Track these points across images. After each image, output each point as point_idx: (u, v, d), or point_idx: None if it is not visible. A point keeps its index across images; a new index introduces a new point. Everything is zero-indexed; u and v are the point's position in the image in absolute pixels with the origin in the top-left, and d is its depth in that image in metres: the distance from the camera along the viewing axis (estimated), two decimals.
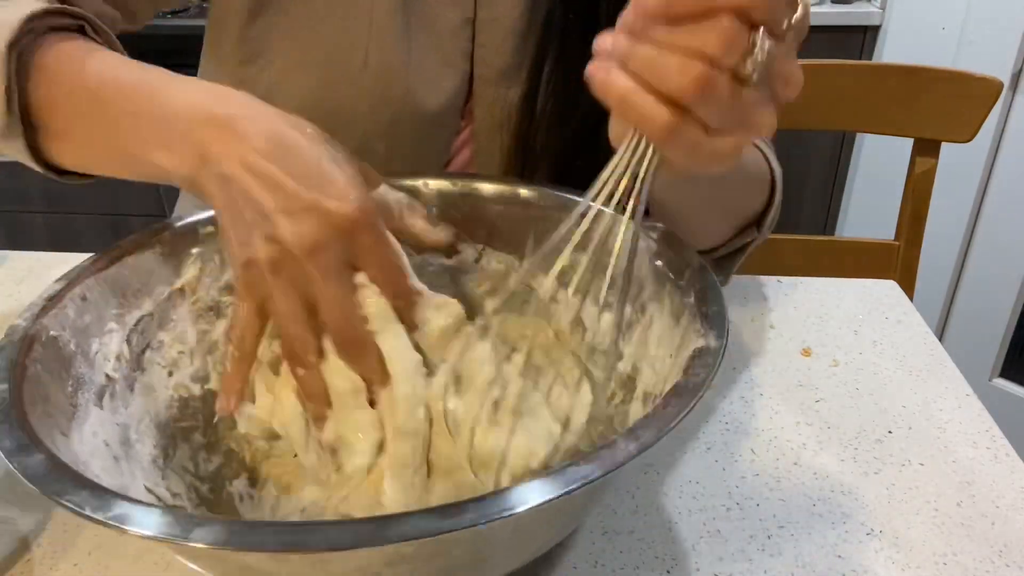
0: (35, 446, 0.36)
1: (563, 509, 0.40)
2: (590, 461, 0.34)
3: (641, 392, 0.50)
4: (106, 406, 0.46)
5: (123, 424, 0.47)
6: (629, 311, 0.54)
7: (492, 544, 0.38)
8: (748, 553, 0.50)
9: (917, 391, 0.64)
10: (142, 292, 0.51)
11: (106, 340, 0.48)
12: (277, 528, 0.32)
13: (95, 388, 0.46)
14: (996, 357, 1.80)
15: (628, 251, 0.53)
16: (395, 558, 0.35)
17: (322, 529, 0.31)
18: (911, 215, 1.10)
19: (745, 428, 0.60)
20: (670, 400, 0.38)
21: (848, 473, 0.56)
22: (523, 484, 0.33)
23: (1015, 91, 1.63)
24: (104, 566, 0.49)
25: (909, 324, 0.73)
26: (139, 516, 0.32)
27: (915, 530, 0.52)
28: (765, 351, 0.68)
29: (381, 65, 0.64)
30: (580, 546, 0.50)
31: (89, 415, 0.44)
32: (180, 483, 0.48)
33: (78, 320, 0.46)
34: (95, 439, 0.43)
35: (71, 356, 0.45)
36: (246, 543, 0.31)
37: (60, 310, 0.45)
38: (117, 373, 0.48)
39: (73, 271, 0.48)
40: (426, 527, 0.31)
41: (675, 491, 0.54)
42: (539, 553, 0.44)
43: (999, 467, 0.57)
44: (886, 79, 1.06)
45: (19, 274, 0.79)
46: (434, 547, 0.34)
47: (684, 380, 0.39)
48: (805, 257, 1.16)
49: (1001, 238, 1.73)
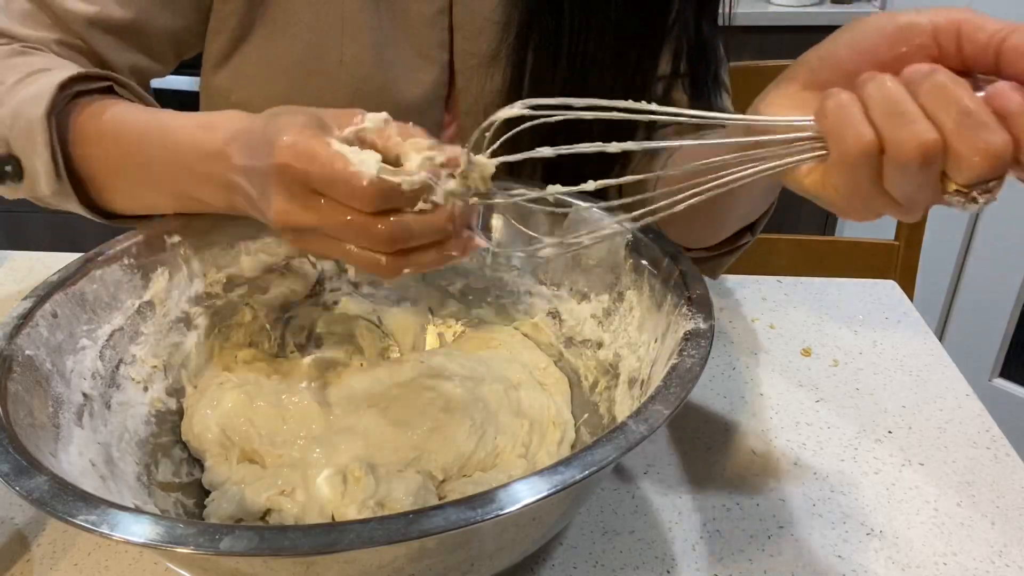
0: (34, 468, 0.35)
1: (577, 493, 0.40)
2: (604, 444, 0.35)
3: (626, 377, 0.51)
4: (86, 425, 0.45)
5: (105, 443, 0.46)
6: (607, 299, 0.54)
7: (509, 532, 0.39)
8: (748, 553, 0.50)
9: (917, 391, 0.64)
10: (111, 306, 0.50)
11: (80, 357, 0.47)
12: (305, 531, 0.32)
13: (74, 407, 0.45)
14: (996, 357, 1.80)
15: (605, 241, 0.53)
16: (419, 553, 0.35)
17: (352, 528, 0.31)
18: None
19: (745, 428, 0.60)
20: (671, 380, 0.39)
21: (848, 473, 0.56)
22: (540, 471, 0.34)
23: None
24: (104, 566, 0.49)
25: (909, 324, 0.73)
26: (165, 531, 0.32)
27: (915, 530, 0.51)
28: (765, 351, 0.68)
29: (356, 60, 0.64)
30: (580, 546, 0.50)
31: (72, 435, 0.44)
32: (166, 499, 0.48)
33: (51, 338, 0.46)
34: (82, 459, 0.43)
35: (48, 375, 0.44)
36: (277, 548, 0.31)
37: (32, 329, 0.45)
38: (94, 391, 0.47)
39: (41, 287, 0.47)
40: (456, 519, 0.32)
41: (675, 491, 0.54)
42: (548, 538, 0.45)
43: (999, 467, 0.57)
44: None
45: (19, 274, 0.79)
46: (458, 539, 0.35)
47: (680, 360, 0.40)
48: (805, 257, 1.16)
49: (1001, 238, 1.73)
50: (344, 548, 0.31)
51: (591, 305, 0.55)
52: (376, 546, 0.31)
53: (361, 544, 0.31)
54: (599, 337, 0.55)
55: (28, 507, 0.53)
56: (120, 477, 0.45)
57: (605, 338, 0.54)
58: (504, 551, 0.40)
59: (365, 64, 0.65)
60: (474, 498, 0.32)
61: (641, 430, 0.36)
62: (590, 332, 0.55)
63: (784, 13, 1.79)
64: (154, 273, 0.53)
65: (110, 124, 0.51)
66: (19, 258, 0.81)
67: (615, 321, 0.53)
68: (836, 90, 0.36)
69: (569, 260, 0.56)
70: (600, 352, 0.54)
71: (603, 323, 0.54)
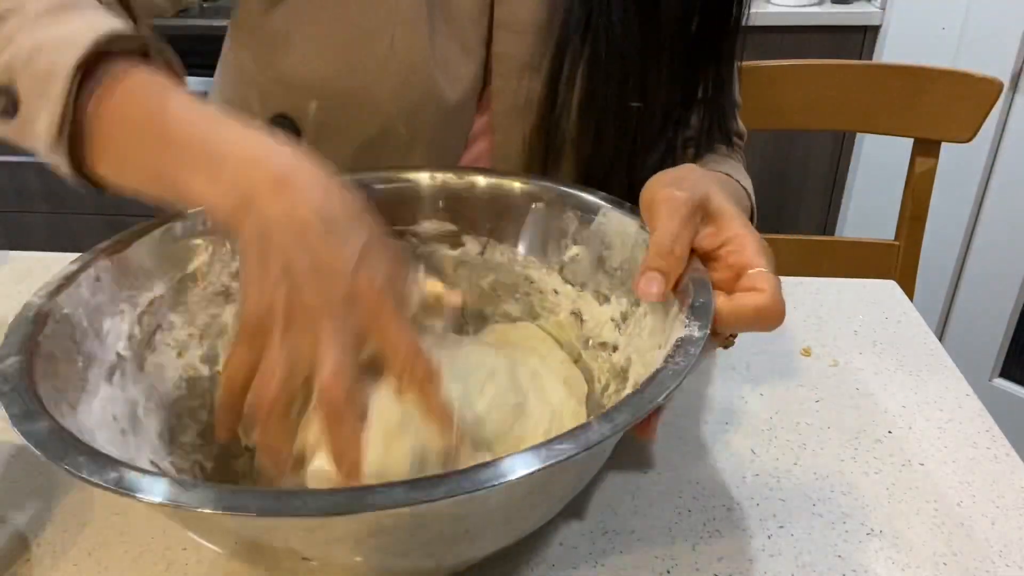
0: (41, 413, 0.37)
1: (543, 486, 0.40)
2: (566, 440, 0.35)
3: (632, 383, 0.51)
4: (116, 382, 0.47)
5: (132, 400, 0.48)
6: (625, 303, 0.54)
7: (476, 519, 0.39)
8: (748, 553, 0.50)
9: (917, 391, 0.64)
10: (154, 275, 0.52)
11: (118, 320, 0.49)
12: (258, 494, 0.34)
13: (106, 365, 0.47)
14: (996, 357, 1.80)
15: (629, 244, 0.53)
16: (376, 528, 0.36)
17: (301, 497, 0.33)
18: (911, 215, 1.10)
19: (745, 428, 0.60)
20: (646, 386, 0.39)
21: (848, 473, 0.56)
22: (502, 458, 0.34)
23: (1015, 91, 1.63)
24: (104, 566, 0.49)
25: (909, 324, 0.73)
26: (132, 479, 0.33)
27: (915, 530, 0.52)
28: (765, 351, 0.68)
29: (406, 51, 0.64)
30: (580, 546, 0.50)
31: (99, 390, 0.45)
32: (185, 460, 0.49)
33: (91, 299, 0.47)
34: (104, 412, 0.44)
35: (83, 334, 0.46)
36: (230, 506, 0.32)
37: (74, 289, 0.46)
38: (128, 352, 0.49)
39: (88, 253, 0.49)
40: (399, 498, 0.32)
41: (675, 491, 0.54)
42: (527, 532, 0.45)
43: (999, 467, 0.57)
44: (886, 79, 1.06)
45: (19, 274, 0.79)
46: (412, 519, 0.35)
47: (664, 367, 0.40)
48: (805, 257, 1.16)
49: (1001, 238, 1.73)
50: (289, 514, 0.32)
51: (611, 308, 0.55)
52: (314, 517, 0.32)
53: (307, 512, 0.32)
54: (615, 340, 0.55)
55: (28, 507, 0.53)
56: (142, 433, 0.47)
57: (621, 341, 0.54)
58: (473, 539, 0.40)
59: (414, 55, 0.64)
60: (428, 480, 0.33)
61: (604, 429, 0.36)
62: (608, 335, 0.56)
63: (784, 13, 1.79)
64: (198, 247, 0.54)
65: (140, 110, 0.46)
66: (19, 258, 0.81)
67: (631, 325, 0.53)
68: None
69: (595, 261, 0.57)
70: (615, 356, 0.55)
71: (620, 327, 0.55)
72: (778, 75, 1.07)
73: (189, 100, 0.46)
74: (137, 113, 0.46)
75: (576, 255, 0.57)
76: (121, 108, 0.46)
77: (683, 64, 0.66)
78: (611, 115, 0.65)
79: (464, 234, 0.60)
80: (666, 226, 0.47)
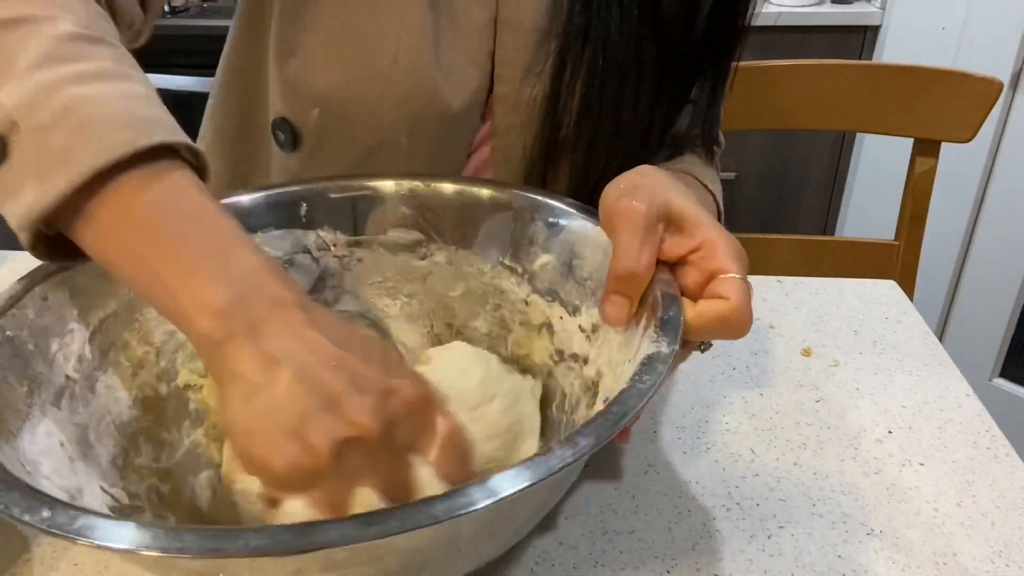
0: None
1: (496, 520, 0.39)
2: (522, 469, 0.33)
3: (603, 397, 0.49)
4: (64, 407, 0.45)
5: (82, 424, 0.45)
6: (596, 314, 0.53)
7: (435, 550, 0.37)
8: (748, 553, 0.50)
9: (917, 391, 0.64)
10: (106, 292, 0.49)
11: (67, 340, 0.46)
12: (202, 534, 0.31)
13: (53, 388, 0.44)
14: (996, 357, 1.80)
15: (600, 254, 0.52)
16: (328, 563, 0.34)
17: (243, 535, 0.31)
18: (911, 215, 1.10)
19: (745, 428, 0.60)
20: (611, 408, 0.37)
21: (848, 473, 0.56)
22: (450, 493, 0.32)
23: (1015, 91, 1.63)
24: (104, 566, 0.49)
25: (909, 324, 0.73)
26: (59, 517, 0.32)
27: (915, 530, 0.52)
28: (765, 351, 0.68)
29: (411, 62, 0.64)
30: (580, 546, 0.50)
31: (46, 415, 0.43)
32: (140, 484, 0.47)
33: (37, 320, 0.45)
34: (49, 439, 0.42)
35: (28, 356, 0.44)
36: (169, 548, 0.30)
37: (19, 310, 0.44)
38: (78, 373, 0.46)
39: (36, 271, 0.46)
40: (346, 535, 0.31)
41: (675, 491, 0.54)
42: (500, 554, 0.44)
43: (999, 467, 0.57)
44: (886, 79, 1.06)
45: (19, 274, 0.79)
46: (367, 553, 0.34)
47: (629, 386, 0.39)
48: (805, 257, 1.16)
49: (1001, 238, 1.73)
50: (233, 554, 0.30)
51: (581, 318, 0.54)
52: (255, 556, 0.31)
53: (248, 553, 0.30)
54: (586, 352, 0.53)
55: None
56: (92, 459, 0.45)
57: (591, 353, 0.53)
58: (431, 569, 0.39)
59: (419, 66, 0.64)
60: (370, 515, 0.32)
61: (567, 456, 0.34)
62: (578, 346, 0.54)
63: (784, 13, 1.79)
64: None
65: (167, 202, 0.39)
66: (19, 258, 0.81)
67: (600, 336, 0.52)
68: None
69: (564, 270, 0.56)
70: (585, 368, 0.53)
71: (591, 338, 0.53)
72: (778, 75, 1.07)
73: (195, 201, 0.40)
74: (181, 212, 0.39)
75: (546, 264, 0.56)
76: (159, 207, 0.38)
77: (682, 73, 0.66)
78: (608, 122, 0.65)
79: (431, 243, 0.59)
80: (626, 245, 0.46)
